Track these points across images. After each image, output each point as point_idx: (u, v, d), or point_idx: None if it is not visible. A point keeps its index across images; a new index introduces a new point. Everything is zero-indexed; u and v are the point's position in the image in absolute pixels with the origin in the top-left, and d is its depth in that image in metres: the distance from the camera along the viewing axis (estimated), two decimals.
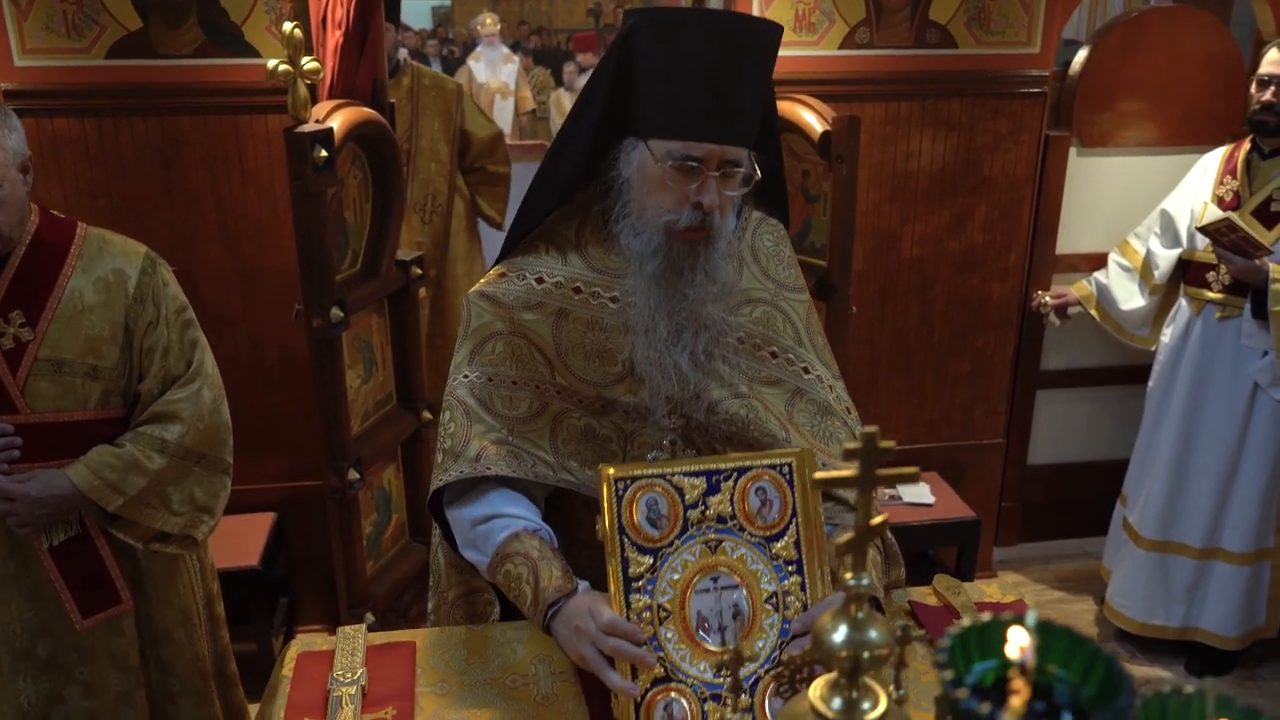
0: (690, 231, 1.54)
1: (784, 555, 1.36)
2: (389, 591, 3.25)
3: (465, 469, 1.60)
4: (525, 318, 1.63)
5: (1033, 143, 3.53)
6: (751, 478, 1.38)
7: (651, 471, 1.36)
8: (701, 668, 1.30)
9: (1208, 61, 3.56)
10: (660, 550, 1.33)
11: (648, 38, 1.51)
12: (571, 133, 1.64)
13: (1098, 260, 3.70)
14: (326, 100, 2.85)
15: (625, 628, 1.32)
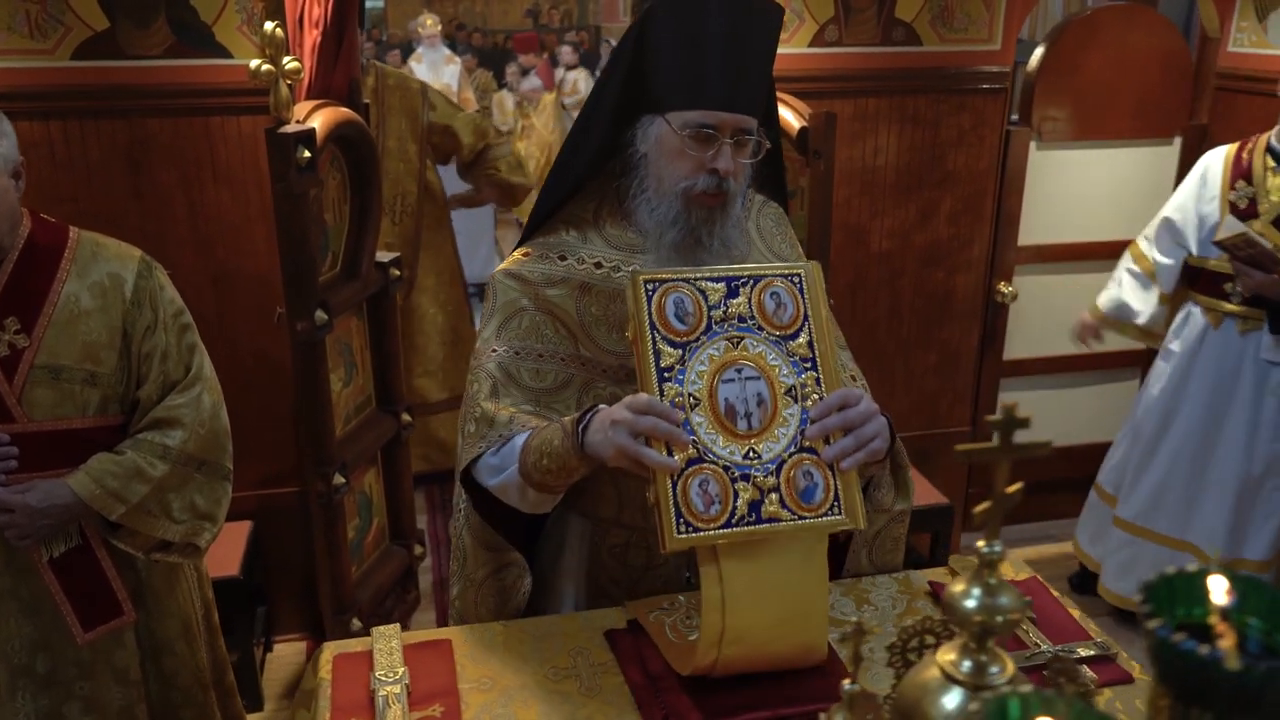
0: (707, 197, 1.62)
1: (799, 353, 1.49)
2: (372, 597, 3.22)
3: (503, 431, 1.64)
4: (550, 294, 1.71)
5: (994, 137, 3.62)
6: (766, 284, 1.50)
7: (677, 276, 1.47)
8: (730, 450, 1.41)
9: (1156, 57, 3.69)
10: (688, 344, 1.44)
11: (666, 17, 1.61)
12: (592, 115, 1.74)
13: (1058, 251, 3.82)
14: (304, 100, 2.82)
15: (661, 406, 1.40)
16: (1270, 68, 3.53)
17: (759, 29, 1.64)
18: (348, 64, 2.95)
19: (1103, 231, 3.87)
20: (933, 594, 1.76)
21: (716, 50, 1.59)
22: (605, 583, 1.83)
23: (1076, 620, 1.69)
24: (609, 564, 1.81)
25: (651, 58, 1.63)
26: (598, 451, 1.47)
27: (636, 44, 1.65)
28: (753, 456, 1.41)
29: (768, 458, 1.42)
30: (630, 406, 1.42)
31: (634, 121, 1.68)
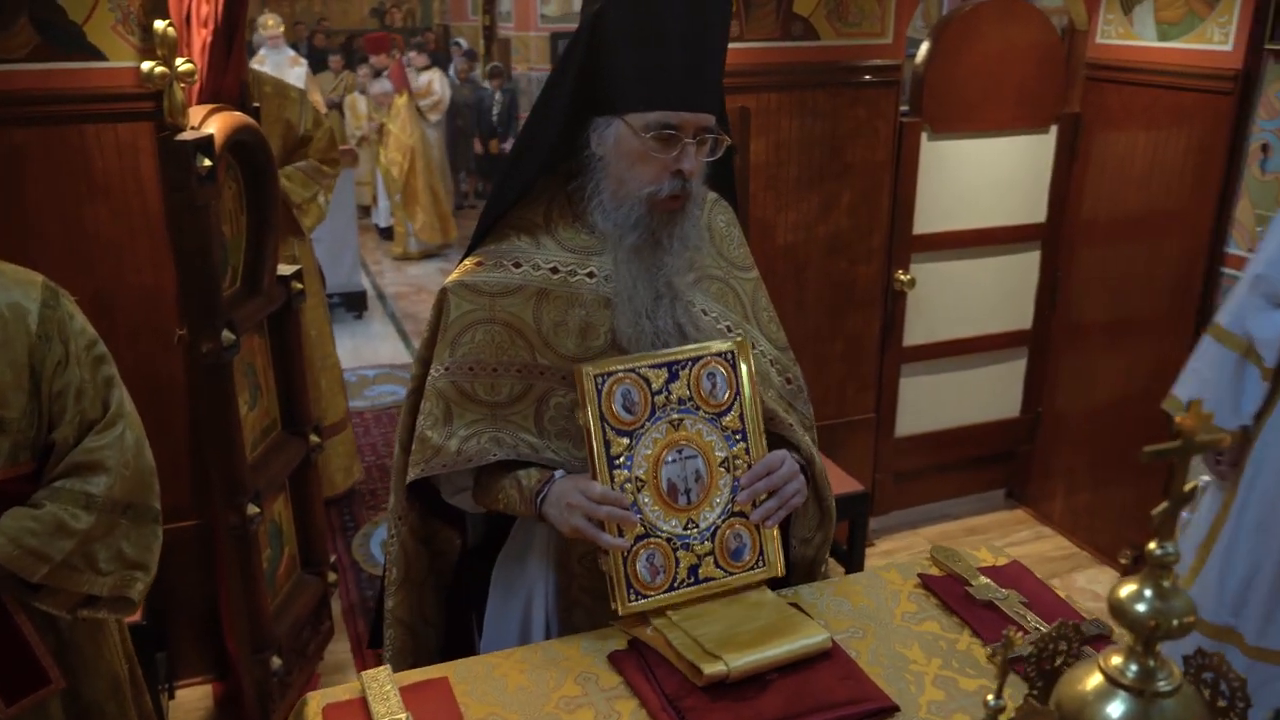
0: (671, 200, 1.61)
1: (731, 427, 1.65)
2: (290, 631, 3.03)
3: (447, 460, 1.67)
4: (505, 303, 1.67)
5: (889, 129, 3.70)
6: (702, 365, 1.63)
7: (623, 367, 1.58)
8: (673, 523, 1.60)
9: (1033, 50, 3.85)
10: (634, 431, 1.58)
11: (618, 15, 1.57)
12: (542, 117, 1.69)
13: (950, 239, 3.94)
14: (195, 105, 2.62)
15: (614, 495, 1.55)
16: (1136, 58, 3.72)
17: (713, 21, 1.61)
18: (239, 65, 2.76)
19: (990, 218, 4.01)
20: (924, 586, 1.76)
21: (674, 47, 1.56)
22: (576, 593, 1.78)
23: (1066, 602, 1.72)
24: (579, 573, 1.77)
25: (605, 57, 1.59)
26: (553, 523, 1.60)
27: (588, 44, 1.60)
28: (691, 526, 1.61)
29: (704, 526, 1.62)
30: (586, 494, 1.55)
31: (587, 123, 1.64)
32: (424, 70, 10.18)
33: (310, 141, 4.18)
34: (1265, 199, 3.39)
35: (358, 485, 4.58)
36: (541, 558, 1.80)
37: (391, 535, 1.88)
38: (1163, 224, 3.71)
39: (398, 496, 1.84)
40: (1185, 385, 2.85)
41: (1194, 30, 3.51)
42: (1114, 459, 4.03)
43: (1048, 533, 4.32)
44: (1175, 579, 0.86)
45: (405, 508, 1.84)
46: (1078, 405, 4.18)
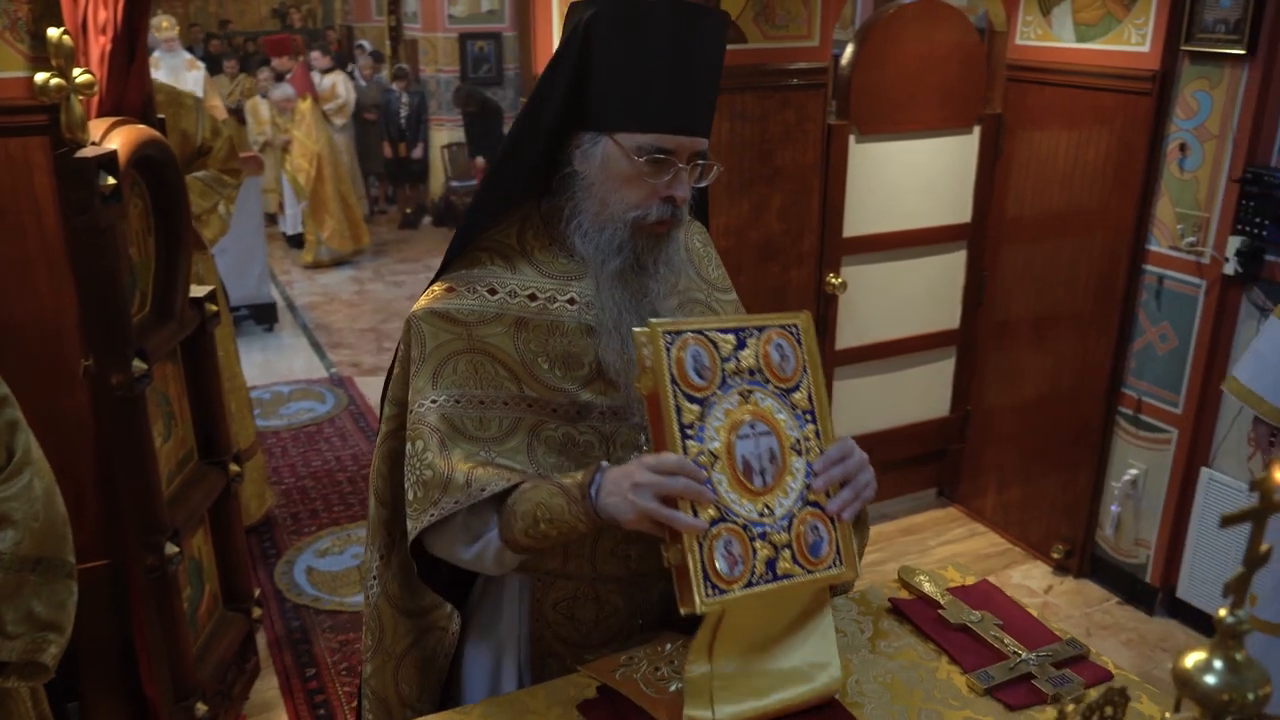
0: (658, 225, 1.51)
1: (801, 406, 1.48)
2: (214, 674, 2.86)
3: (460, 497, 1.47)
4: (484, 332, 1.54)
5: (817, 132, 3.67)
6: (768, 336, 1.47)
7: (691, 327, 1.42)
8: (748, 508, 1.39)
9: (955, 51, 3.86)
10: (706, 399, 1.40)
11: (609, 29, 1.47)
12: (525, 132, 1.57)
13: (880, 241, 3.94)
14: (95, 118, 2.44)
15: (691, 467, 1.35)
16: (1055, 59, 3.76)
17: (709, 40, 1.52)
18: (141, 75, 2.58)
19: (918, 219, 4.02)
20: (895, 611, 1.71)
21: (670, 67, 1.46)
22: (551, 641, 1.66)
23: (1038, 620, 1.69)
24: (555, 621, 1.65)
25: (596, 73, 1.48)
26: (613, 514, 1.37)
27: (578, 54, 1.49)
28: (767, 513, 1.40)
29: (779, 514, 1.41)
30: (656, 468, 1.33)
31: (569, 139, 1.53)
32: (327, 73, 9.89)
33: (209, 152, 3.98)
34: (1184, 197, 3.46)
35: (276, 510, 4.39)
36: (514, 605, 1.68)
37: (367, 598, 1.72)
38: (1085, 222, 3.76)
39: (371, 555, 1.69)
40: (1246, 367, 2.87)
41: (1112, 32, 3.56)
42: (1043, 454, 4.08)
43: (981, 529, 4.36)
44: (1245, 650, 0.80)
45: (381, 568, 1.68)
46: (1006, 402, 4.23)
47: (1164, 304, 3.57)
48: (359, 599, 3.77)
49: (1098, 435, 3.82)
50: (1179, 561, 3.67)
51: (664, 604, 1.67)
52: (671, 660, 1.54)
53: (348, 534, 4.22)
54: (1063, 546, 4.01)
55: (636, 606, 1.65)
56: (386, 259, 9.39)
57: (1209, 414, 3.51)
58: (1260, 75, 3.19)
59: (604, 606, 1.64)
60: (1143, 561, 3.79)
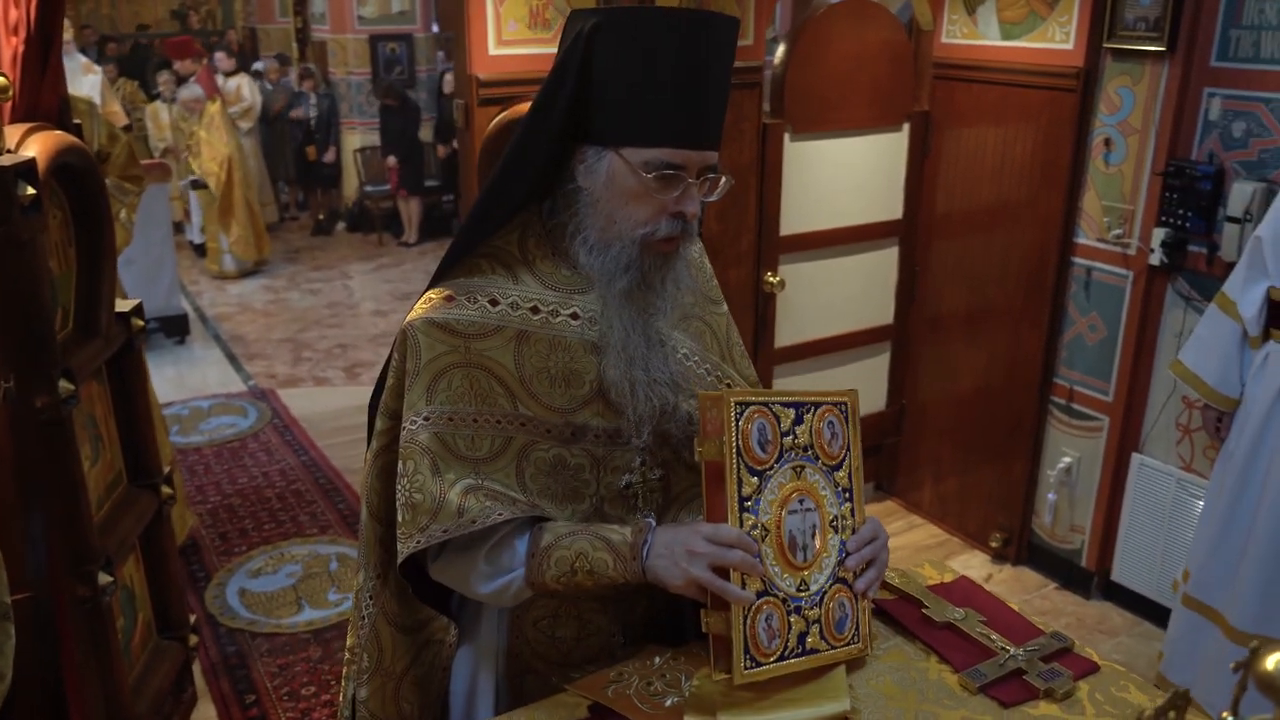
0: (666, 243, 1.46)
1: (842, 484, 1.52)
2: (151, 707, 2.72)
3: (449, 525, 1.43)
4: (483, 345, 1.48)
5: (753, 131, 3.67)
6: (822, 413, 1.50)
7: (759, 400, 1.44)
8: (789, 582, 1.43)
9: (884, 50, 3.90)
10: (765, 472, 1.43)
11: (611, 39, 1.40)
12: (530, 142, 1.49)
13: (816, 239, 3.95)
14: (9, 124, 2.29)
15: (747, 540, 1.38)
16: (981, 57, 3.83)
17: (720, 47, 1.44)
18: (56, 78, 2.44)
19: (851, 217, 4.05)
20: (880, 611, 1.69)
21: (678, 78, 1.39)
22: (529, 658, 1.62)
23: (1019, 614, 1.70)
24: (534, 639, 1.61)
25: (599, 86, 1.42)
26: (660, 577, 1.41)
27: (580, 70, 1.42)
28: (803, 588, 1.45)
29: (814, 589, 1.46)
30: (714, 539, 1.37)
31: (572, 151, 1.46)
32: (231, 75, 9.60)
33: (108, 159, 3.80)
34: (1110, 190, 3.55)
35: (203, 530, 4.22)
36: (493, 619, 1.63)
37: (361, 617, 1.64)
38: (1014, 216, 3.83)
39: (367, 573, 1.61)
40: (1190, 352, 3.04)
41: (1036, 30, 3.63)
42: (978, 446, 4.15)
43: (919, 521, 4.42)
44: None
45: (378, 587, 1.61)
46: (941, 396, 4.29)
47: (1092, 295, 3.66)
48: (299, 619, 3.64)
49: (1031, 425, 3.90)
50: (1113, 545, 3.77)
51: (647, 622, 1.64)
52: (663, 674, 1.51)
53: (280, 552, 4.07)
54: (1000, 535, 4.09)
55: (619, 625, 1.61)
56: (300, 266, 9.14)
57: (1138, 401, 3.61)
58: (1180, 71, 3.29)
59: (586, 625, 1.60)
60: (1078, 547, 3.88)
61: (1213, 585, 2.96)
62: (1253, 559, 2.82)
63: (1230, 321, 2.92)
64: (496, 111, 3.21)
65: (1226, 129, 3.25)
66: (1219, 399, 2.96)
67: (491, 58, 3.15)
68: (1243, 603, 2.85)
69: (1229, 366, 2.93)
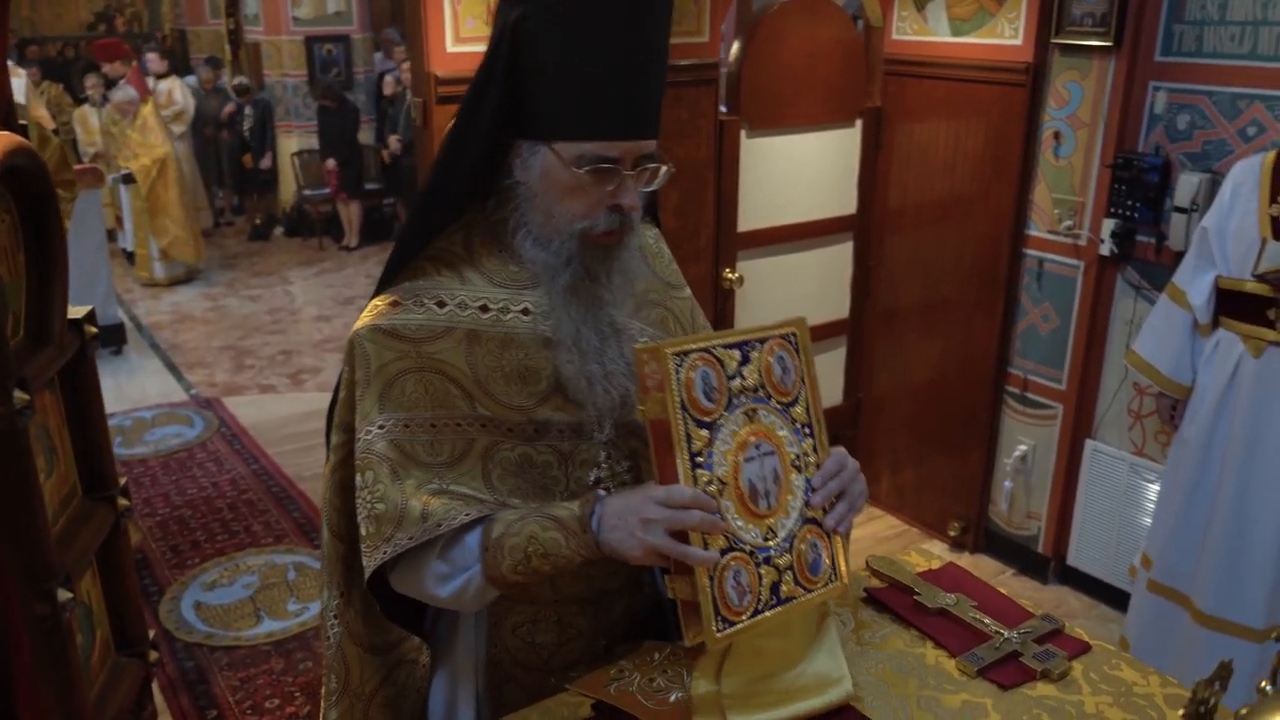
0: (607, 236, 1.43)
1: (799, 419, 1.44)
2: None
3: (415, 531, 1.38)
4: (433, 349, 1.44)
5: (710, 128, 3.68)
6: (770, 348, 1.42)
7: (698, 345, 1.35)
8: (753, 533, 1.36)
9: (836, 47, 3.94)
10: (714, 422, 1.35)
11: (538, 29, 1.36)
12: (462, 141, 1.46)
13: (773, 234, 3.98)
14: None
15: (705, 499, 1.30)
16: (931, 53, 3.89)
17: (652, 28, 1.40)
18: (1, 78, 2.35)
19: (807, 212, 4.08)
20: (873, 600, 1.70)
21: (609, 65, 1.35)
22: (509, 666, 1.58)
23: (1009, 598, 1.72)
24: (514, 646, 1.57)
25: (528, 78, 1.38)
26: (618, 549, 1.33)
27: (509, 56, 1.38)
28: (770, 536, 1.37)
29: (782, 535, 1.38)
30: (668, 501, 1.29)
31: (509, 146, 1.43)
32: (162, 78, 9.37)
33: None
34: (1060, 183, 3.62)
35: (154, 544, 4.10)
36: (470, 630, 1.59)
37: (328, 637, 1.60)
38: (967, 210, 3.90)
39: (330, 592, 1.57)
40: (1144, 342, 3.10)
41: (985, 26, 3.69)
42: (934, 436, 4.21)
43: (878, 513, 4.47)
44: None
45: (341, 606, 1.56)
46: (897, 388, 4.34)
47: (1045, 286, 3.73)
48: (258, 630, 3.56)
49: (987, 415, 3.97)
50: (1068, 531, 3.85)
51: (627, 621, 1.62)
52: (664, 669, 1.49)
53: (236, 563, 3.98)
54: (958, 524, 4.15)
55: (599, 627, 1.58)
56: (239, 273, 8.96)
57: (1091, 388, 3.69)
58: (1126, 66, 3.37)
59: (566, 629, 1.57)
60: (1034, 533, 3.95)
61: (1178, 570, 3.04)
62: (1216, 543, 2.90)
63: (1181, 311, 3.00)
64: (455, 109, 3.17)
65: (1171, 122, 3.34)
66: (1173, 387, 3.04)
67: (449, 55, 3.11)
68: (1209, 586, 2.92)
69: (1181, 355, 3.01)
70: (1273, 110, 3.10)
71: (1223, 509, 2.88)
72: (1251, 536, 2.85)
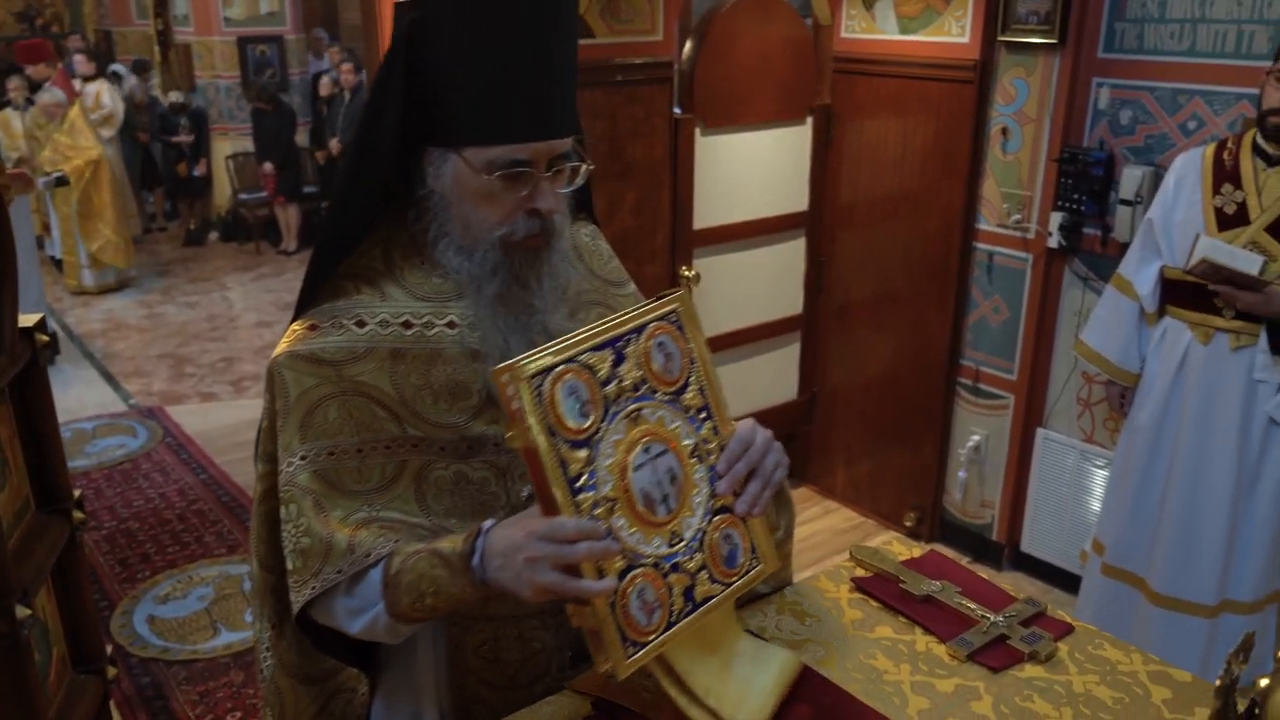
0: (530, 240, 1.37)
1: (693, 405, 1.34)
2: None
3: (343, 565, 1.33)
4: (355, 371, 1.38)
5: (665, 126, 3.69)
6: (649, 334, 1.30)
7: (561, 356, 1.22)
8: (656, 543, 1.27)
9: (787, 45, 3.98)
10: (591, 439, 1.23)
11: (437, 32, 1.31)
12: (367, 151, 1.39)
13: (727, 232, 4.00)
14: None
15: (588, 527, 1.20)
16: (880, 51, 3.94)
17: (558, 23, 1.34)
18: None
19: (760, 209, 4.12)
20: (861, 590, 1.72)
21: (514, 65, 1.29)
22: (475, 687, 1.53)
23: (991, 583, 1.75)
24: (477, 666, 1.51)
25: (431, 81, 1.32)
26: (508, 589, 1.24)
27: (407, 60, 1.32)
28: (676, 540, 1.29)
29: (689, 536, 1.30)
30: (548, 536, 1.18)
31: (418, 153, 1.37)
32: (90, 81, 9.11)
33: None
34: (1008, 177, 3.70)
35: (98, 557, 3.99)
36: (430, 653, 1.54)
37: (260, 670, 1.55)
38: (917, 205, 3.96)
39: (262, 624, 1.53)
40: (1092, 332, 3.17)
41: (933, 24, 3.76)
42: (888, 429, 4.27)
43: (834, 506, 4.52)
44: None
45: (274, 639, 1.52)
46: (851, 382, 4.40)
47: (995, 278, 3.81)
48: (216, 643, 3.48)
49: (940, 406, 4.04)
50: (1021, 518, 3.93)
51: None
52: None
53: (189, 575, 3.89)
54: (913, 514, 4.22)
55: (563, 639, 1.53)
56: (174, 279, 8.75)
57: (1041, 378, 3.78)
58: (1070, 63, 3.46)
59: (529, 645, 1.52)
60: (988, 521, 4.04)
61: (1132, 553, 3.12)
62: (1168, 524, 2.98)
63: (1128, 300, 3.08)
64: None
65: (1115, 117, 3.43)
66: (1122, 375, 3.12)
67: None
68: (1162, 567, 3.01)
69: (1129, 343, 3.09)
70: (1211, 105, 3.20)
71: (1174, 492, 2.97)
72: (1202, 517, 2.93)
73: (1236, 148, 2.86)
